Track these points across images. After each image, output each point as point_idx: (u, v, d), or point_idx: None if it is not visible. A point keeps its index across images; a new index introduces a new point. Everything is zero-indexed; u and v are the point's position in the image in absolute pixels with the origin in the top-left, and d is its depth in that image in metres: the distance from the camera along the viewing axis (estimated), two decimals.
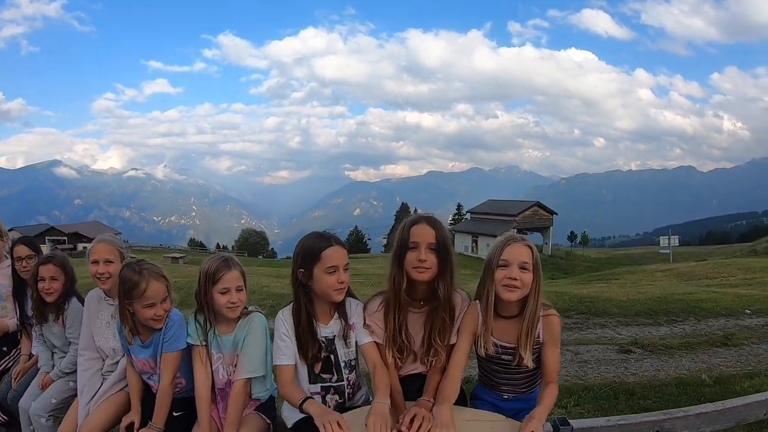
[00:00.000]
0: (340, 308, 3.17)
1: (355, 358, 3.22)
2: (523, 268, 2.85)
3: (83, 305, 3.92)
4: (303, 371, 3.12)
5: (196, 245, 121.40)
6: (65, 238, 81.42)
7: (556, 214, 78.60)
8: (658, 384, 7.28)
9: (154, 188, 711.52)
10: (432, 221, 2.99)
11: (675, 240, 57.03)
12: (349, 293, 3.22)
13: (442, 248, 2.95)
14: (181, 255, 68.85)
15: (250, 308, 3.39)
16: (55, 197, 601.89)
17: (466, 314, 3.05)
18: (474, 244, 72.45)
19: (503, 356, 3.04)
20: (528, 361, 2.92)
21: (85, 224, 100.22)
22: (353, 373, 3.22)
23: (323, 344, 3.12)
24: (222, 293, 3.16)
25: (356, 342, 3.19)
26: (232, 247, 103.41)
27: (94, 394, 3.62)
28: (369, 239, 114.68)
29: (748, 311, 11.89)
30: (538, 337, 2.96)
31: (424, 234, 2.95)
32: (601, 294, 14.97)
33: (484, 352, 3.03)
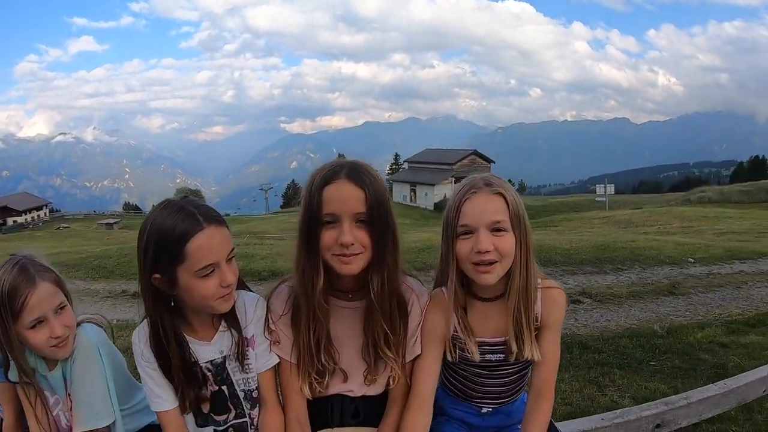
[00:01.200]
0: (228, 314, 2.08)
1: (256, 388, 2.17)
2: (496, 230, 1.91)
3: None
4: (187, 415, 2.11)
5: (131, 209, 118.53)
6: None
7: (494, 162, 79.63)
8: (611, 336, 7.17)
9: (85, 152, 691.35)
10: (357, 175, 1.90)
11: (611, 188, 58.33)
12: (240, 285, 2.14)
13: (377, 218, 1.90)
14: (116, 220, 67.05)
15: (79, 316, 2.25)
16: None
17: (427, 313, 2.10)
18: (412, 194, 73.09)
19: (488, 356, 2.11)
20: (533, 352, 2.01)
21: (13, 197, 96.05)
22: (257, 408, 2.18)
23: (209, 374, 2.08)
24: (33, 328, 2.01)
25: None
26: None
27: None
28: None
29: (691, 260, 11.99)
30: (537, 321, 2.05)
31: (345, 198, 1.88)
32: (543, 242, 14.87)
33: (457, 359, 2.15)
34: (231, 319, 2.09)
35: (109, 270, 12.86)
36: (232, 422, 2.14)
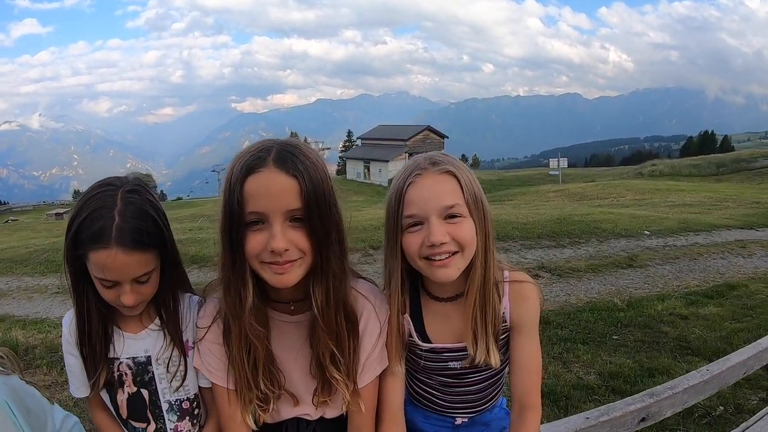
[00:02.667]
0: (166, 310, 1.79)
1: (192, 398, 1.85)
2: (450, 216, 1.58)
3: None
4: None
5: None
6: None
7: (447, 137, 79.73)
8: (572, 310, 7.23)
9: (31, 141, 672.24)
10: (288, 161, 1.47)
11: (564, 162, 58.95)
12: (182, 282, 1.85)
13: (316, 214, 1.50)
14: (65, 210, 64.80)
15: None
16: None
17: (389, 324, 1.76)
18: (366, 170, 72.76)
19: (452, 363, 1.80)
20: (492, 357, 1.70)
21: None
22: (187, 420, 1.85)
23: (129, 371, 1.78)
24: None
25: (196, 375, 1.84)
26: None
27: None
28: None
29: (647, 232, 12.14)
30: (505, 322, 1.74)
31: (273, 193, 1.46)
32: (500, 216, 14.83)
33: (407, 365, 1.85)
34: (168, 320, 1.78)
35: (58, 264, 12.27)
36: None
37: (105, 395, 1.82)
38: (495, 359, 1.70)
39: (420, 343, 1.78)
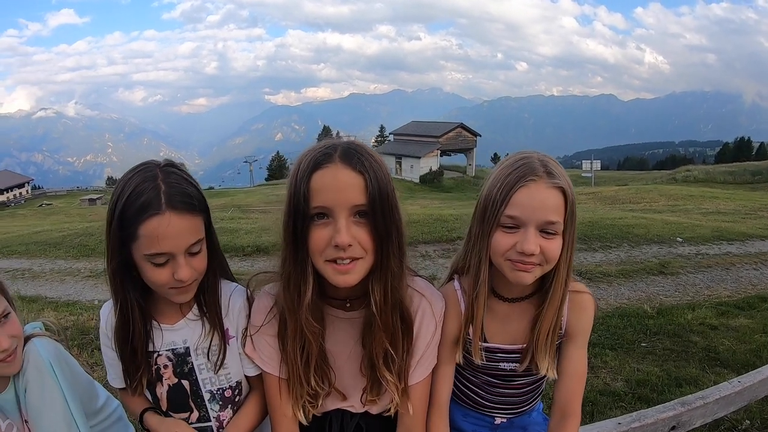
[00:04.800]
0: (207, 298, 1.80)
1: (234, 386, 1.89)
2: (546, 231, 1.59)
3: None
4: None
5: (114, 183, 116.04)
6: None
7: (480, 135, 78.60)
8: (602, 315, 7.17)
9: (66, 128, 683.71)
10: (355, 158, 1.51)
11: (597, 164, 58.46)
12: (223, 269, 1.88)
13: (379, 211, 1.52)
14: (98, 196, 66.13)
15: (26, 330, 1.87)
16: None
17: (444, 318, 1.78)
18: (398, 166, 72.24)
19: (503, 364, 1.84)
20: (549, 369, 1.77)
21: None
22: (229, 408, 1.89)
23: (169, 363, 1.82)
24: None
25: (239, 362, 1.87)
26: None
27: None
28: (291, 165, 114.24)
29: (680, 239, 11.96)
30: (560, 330, 1.78)
31: (339, 187, 1.49)
32: None
33: (463, 361, 1.87)
34: (208, 308, 1.80)
35: (90, 248, 12.72)
36: (194, 425, 1.87)
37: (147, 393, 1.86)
38: (552, 368, 1.77)
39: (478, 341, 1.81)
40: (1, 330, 1.71)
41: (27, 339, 1.81)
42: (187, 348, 1.80)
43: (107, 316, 1.81)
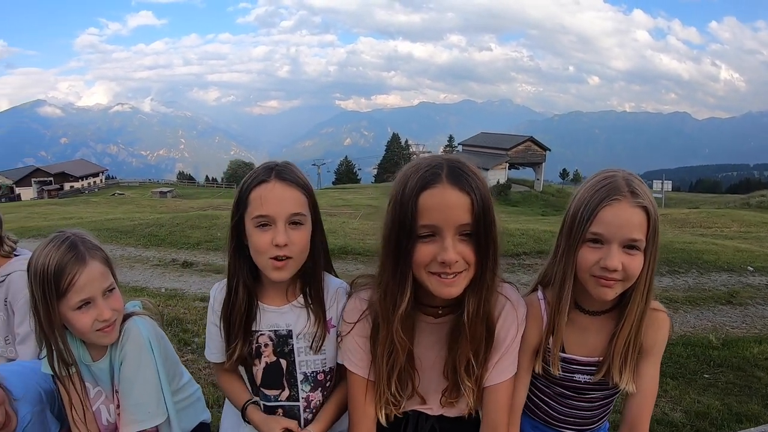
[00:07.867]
0: (312, 285, 1.98)
1: (327, 371, 2.03)
2: (629, 247, 1.68)
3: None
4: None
5: (185, 178, 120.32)
6: (51, 178, 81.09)
7: (549, 150, 76.92)
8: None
9: (141, 122, 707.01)
10: (461, 178, 1.58)
11: (668, 185, 56.63)
12: (328, 263, 2.07)
13: (482, 230, 1.60)
14: (169, 189, 68.45)
15: (127, 307, 2.14)
16: (41, 138, 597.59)
17: (526, 327, 1.87)
18: None
19: (578, 376, 1.91)
20: (628, 383, 1.83)
21: (71, 163, 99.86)
22: (319, 391, 2.03)
23: (270, 342, 1.99)
24: (79, 309, 1.90)
25: (335, 350, 2.00)
26: (222, 179, 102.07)
27: None
28: (359, 169, 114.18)
29: (751, 268, 11.51)
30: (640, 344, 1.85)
31: (448, 207, 1.57)
32: None
33: (540, 371, 1.94)
34: (314, 298, 1.97)
35: (160, 238, 13.13)
36: (282, 403, 2.02)
37: (241, 368, 2.06)
38: (632, 382, 1.83)
39: (552, 348, 1.89)
40: (106, 302, 1.95)
41: (127, 316, 2.08)
42: (290, 331, 1.98)
43: (216, 294, 2.03)
